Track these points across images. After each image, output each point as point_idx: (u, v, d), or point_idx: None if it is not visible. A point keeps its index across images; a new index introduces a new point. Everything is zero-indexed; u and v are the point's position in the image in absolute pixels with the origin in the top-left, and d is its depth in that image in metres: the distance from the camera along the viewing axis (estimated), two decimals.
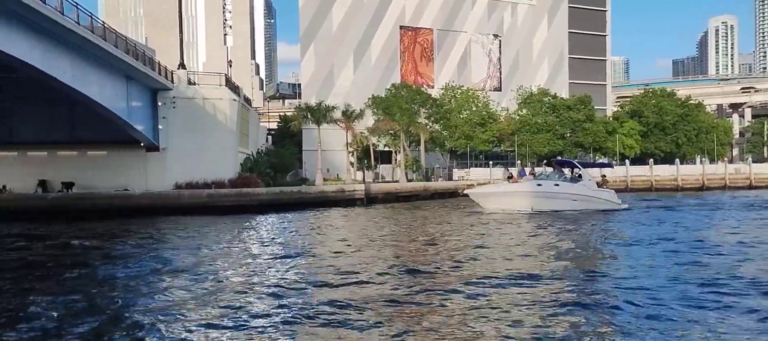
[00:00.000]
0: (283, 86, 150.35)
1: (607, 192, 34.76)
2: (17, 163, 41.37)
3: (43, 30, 26.63)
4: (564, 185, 33.30)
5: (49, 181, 40.94)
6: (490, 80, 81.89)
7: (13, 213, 35.00)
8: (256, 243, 21.57)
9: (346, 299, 11.68)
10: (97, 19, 32.56)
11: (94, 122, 37.65)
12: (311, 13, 72.96)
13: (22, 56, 25.37)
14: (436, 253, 18.09)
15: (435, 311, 10.72)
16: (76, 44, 29.73)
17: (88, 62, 31.90)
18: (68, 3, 27.74)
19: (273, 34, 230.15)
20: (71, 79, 30.03)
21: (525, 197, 32.87)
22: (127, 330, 9.93)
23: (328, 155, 57.37)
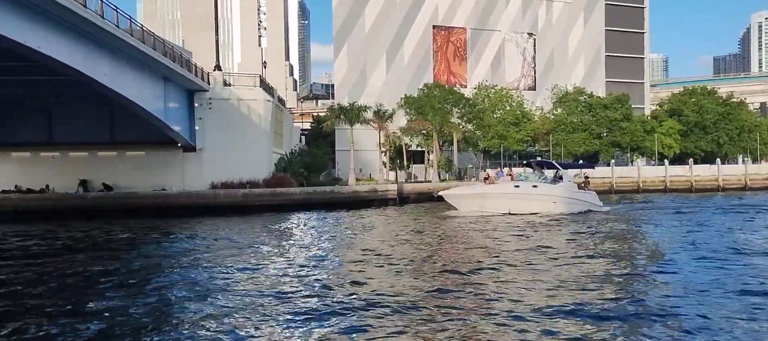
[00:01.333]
0: (317, 87, 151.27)
1: (588, 194, 33.68)
2: (59, 163, 42.52)
3: (84, 33, 27.29)
4: (543, 187, 32.31)
5: (90, 181, 41.98)
6: (525, 79, 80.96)
7: (55, 212, 36.05)
8: (300, 242, 21.80)
9: (384, 296, 11.64)
10: (135, 22, 33.26)
11: (132, 124, 38.47)
12: (344, 13, 73.24)
13: (65, 59, 26.04)
14: (472, 254, 17.92)
15: (477, 313, 10.60)
16: (115, 47, 30.41)
17: (127, 64, 32.60)
18: (108, 7, 28.38)
19: (307, 35, 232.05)
20: (111, 81, 30.71)
21: (501, 198, 31.85)
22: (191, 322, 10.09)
23: (360, 155, 57.49)
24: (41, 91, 35.32)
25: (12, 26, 22.03)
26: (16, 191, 39.92)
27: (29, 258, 19.27)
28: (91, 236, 25.35)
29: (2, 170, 41.46)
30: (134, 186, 40.54)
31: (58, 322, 10.58)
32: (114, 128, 41.50)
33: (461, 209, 32.31)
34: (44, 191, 40.48)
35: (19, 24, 22.54)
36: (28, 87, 34.04)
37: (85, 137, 41.25)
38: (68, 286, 14.27)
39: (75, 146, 42.14)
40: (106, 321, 10.72)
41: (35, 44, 23.60)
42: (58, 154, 42.66)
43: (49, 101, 38.91)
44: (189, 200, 37.96)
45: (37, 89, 34.66)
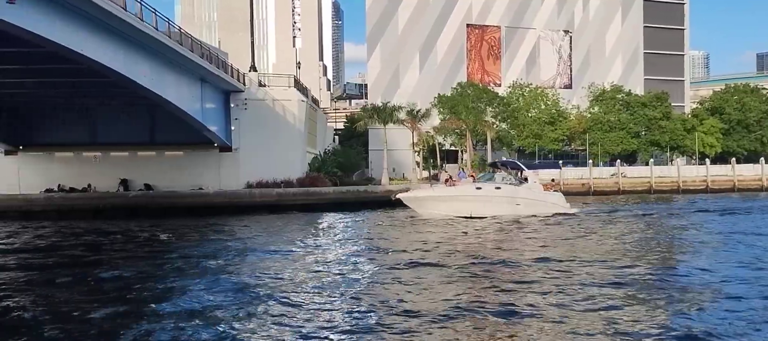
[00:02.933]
0: (350, 87, 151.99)
1: (554, 195, 32.48)
2: (101, 163, 43.68)
3: (124, 36, 28.00)
4: (506, 188, 31.21)
5: (130, 180, 43.05)
6: (560, 77, 79.87)
7: (97, 211, 37.11)
8: (333, 241, 22.06)
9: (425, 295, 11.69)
10: (173, 24, 33.97)
11: (171, 124, 39.30)
12: (378, 13, 73.42)
13: (106, 62, 26.77)
14: (513, 252, 17.83)
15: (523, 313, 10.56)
16: (154, 49, 31.11)
17: (165, 66, 33.32)
18: (147, 10, 29.05)
19: (340, 35, 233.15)
20: (150, 82, 31.44)
21: (462, 201, 30.73)
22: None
23: (393, 154, 57.57)
24: (85, 93, 36.37)
25: (57, 30, 22.77)
26: (60, 190, 41.19)
27: (96, 252, 20.03)
28: (139, 234, 26.07)
29: (46, 169, 42.80)
30: (173, 186, 41.40)
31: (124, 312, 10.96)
32: (154, 128, 42.45)
33: (421, 213, 31.10)
34: (86, 190, 41.66)
35: (64, 27, 23.28)
36: (73, 89, 35.09)
37: (126, 137, 42.30)
38: (131, 279, 14.77)
39: (116, 147, 43.26)
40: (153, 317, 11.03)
41: (79, 47, 24.33)
42: (100, 154, 43.83)
43: (92, 103, 40.01)
44: (225, 200, 38.67)
45: (81, 91, 35.70)
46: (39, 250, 21.66)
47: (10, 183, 41.26)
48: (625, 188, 52.93)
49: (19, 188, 41.03)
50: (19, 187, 41.17)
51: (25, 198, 38.60)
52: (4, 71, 29.45)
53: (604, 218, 30.00)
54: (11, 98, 37.39)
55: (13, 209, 37.24)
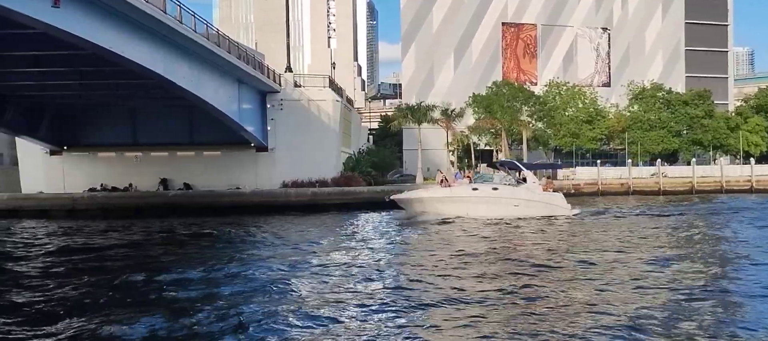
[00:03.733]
0: (384, 87, 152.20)
1: (553, 196, 31.33)
2: (142, 163, 44.74)
3: (164, 39, 28.61)
4: (503, 189, 30.32)
5: (170, 180, 43.98)
6: (598, 75, 78.46)
7: (137, 209, 38.03)
8: (368, 240, 22.19)
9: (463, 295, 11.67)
10: (211, 26, 34.59)
11: (209, 125, 40.01)
12: (412, 13, 73.35)
13: (147, 64, 27.41)
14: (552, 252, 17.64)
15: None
16: (192, 51, 31.71)
17: (203, 68, 33.93)
18: (186, 12, 29.63)
19: (375, 35, 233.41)
20: (189, 83, 32.06)
21: (458, 202, 29.86)
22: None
23: (428, 154, 57.43)
24: (126, 94, 37.31)
25: (99, 32, 23.41)
26: (102, 189, 42.33)
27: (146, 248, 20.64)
28: (186, 232, 26.63)
29: (90, 169, 44.04)
30: (211, 185, 42.17)
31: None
32: (192, 129, 43.29)
33: (416, 214, 30.34)
34: (128, 189, 42.73)
35: (106, 30, 23.90)
36: (115, 90, 36.04)
37: (166, 138, 43.23)
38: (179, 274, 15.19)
39: (157, 147, 44.25)
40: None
41: (120, 49, 24.96)
42: (141, 154, 44.90)
43: (133, 104, 41.02)
44: (262, 199, 39.20)
45: (122, 93, 36.64)
46: (94, 249, 22.31)
47: (56, 182, 42.59)
48: (665, 188, 51.69)
49: (63, 187, 42.31)
50: (64, 186, 42.45)
51: (70, 197, 39.76)
52: (49, 73, 30.45)
53: (607, 220, 29.00)
54: (56, 99, 38.64)
55: (58, 207, 38.41)
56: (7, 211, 37.93)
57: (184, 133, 43.39)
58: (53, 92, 35.76)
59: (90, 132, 43.30)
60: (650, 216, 30.57)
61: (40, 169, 43.46)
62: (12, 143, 45.54)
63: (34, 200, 39.52)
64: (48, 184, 42.35)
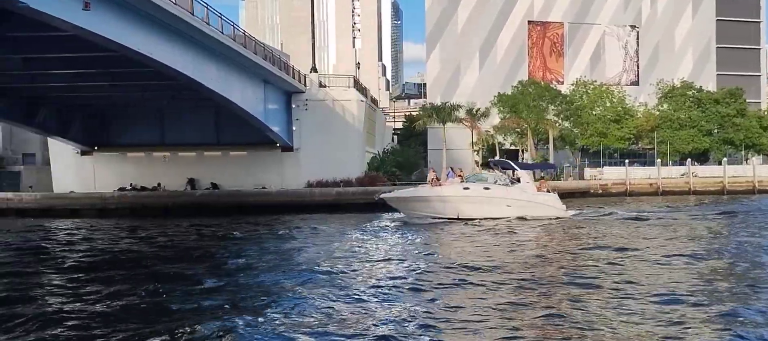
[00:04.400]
0: (409, 86, 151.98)
1: (548, 196, 30.46)
2: (170, 163, 45.45)
3: (192, 40, 29.02)
4: (495, 189, 29.48)
5: (197, 179, 44.58)
6: (627, 74, 77.25)
7: (166, 209, 38.61)
8: (394, 239, 22.21)
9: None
10: (238, 27, 34.99)
11: (236, 125, 40.46)
12: (437, 12, 73.12)
13: (175, 65, 27.83)
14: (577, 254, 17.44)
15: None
16: (219, 52, 32.10)
17: (230, 69, 34.33)
18: (213, 14, 30.02)
19: (399, 35, 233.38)
20: (216, 84, 32.47)
21: (449, 202, 29.18)
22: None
23: (453, 154, 57.22)
24: (155, 95, 37.94)
25: (129, 34, 23.84)
26: (132, 188, 43.08)
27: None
28: (220, 231, 27.01)
29: (119, 169, 44.86)
30: (237, 185, 42.65)
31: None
32: (219, 129, 43.82)
33: (406, 214, 29.88)
34: (156, 189, 43.40)
35: (135, 32, 24.34)
36: (144, 92, 36.68)
37: (193, 138, 43.83)
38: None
39: (184, 147, 44.89)
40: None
41: (149, 51, 25.39)
42: (169, 154, 45.59)
43: (161, 105, 41.68)
44: (287, 198, 39.52)
45: (151, 94, 37.27)
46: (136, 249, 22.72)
47: (86, 182, 43.48)
48: (696, 188, 50.72)
49: (94, 186, 43.16)
50: (95, 186, 43.30)
51: (100, 196, 40.54)
52: (81, 75, 31.09)
53: (605, 222, 28.08)
54: (87, 100, 39.45)
55: (89, 207, 39.20)
56: (40, 210, 38.82)
57: (211, 133, 43.93)
58: (84, 93, 36.52)
59: (120, 133, 44.11)
60: (660, 218, 29.43)
61: (71, 169, 44.41)
62: (44, 144, 46.65)
63: (65, 200, 40.37)
64: (79, 184, 43.25)
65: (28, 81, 31.91)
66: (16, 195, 41.03)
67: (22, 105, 36.99)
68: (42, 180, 45.53)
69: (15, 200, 40.09)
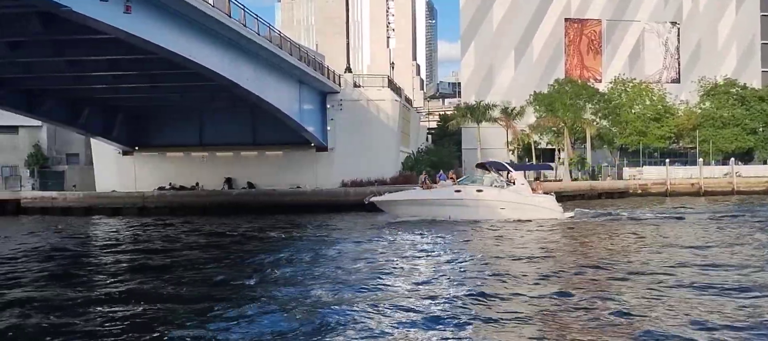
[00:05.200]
0: (443, 86, 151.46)
1: (544, 198, 29.51)
2: (208, 163, 46.29)
3: (229, 42, 29.50)
4: (489, 191, 28.73)
5: (234, 179, 45.28)
6: (667, 72, 75.45)
7: (204, 208, 39.32)
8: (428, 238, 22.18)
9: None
10: (274, 28, 35.42)
11: (272, 125, 40.95)
12: (472, 11, 72.65)
13: (213, 66, 28.34)
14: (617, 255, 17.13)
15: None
16: (256, 53, 32.54)
17: (266, 69, 34.77)
18: (249, 15, 30.45)
19: (434, 34, 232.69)
20: (253, 85, 32.92)
21: (440, 204, 28.46)
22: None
23: (487, 153, 56.77)
24: (193, 96, 38.69)
25: (168, 37, 24.37)
26: (171, 188, 44.00)
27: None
28: (266, 230, 27.44)
29: (159, 168, 45.87)
30: (273, 184, 43.17)
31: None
32: (256, 129, 44.40)
33: (397, 216, 29.28)
34: (194, 188, 44.24)
35: (174, 35, 24.87)
36: (183, 93, 37.44)
37: (230, 138, 44.52)
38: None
39: (222, 147, 45.66)
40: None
41: (187, 53, 25.91)
42: (207, 154, 46.43)
43: (200, 106, 42.48)
44: (322, 198, 39.80)
45: (190, 95, 38.01)
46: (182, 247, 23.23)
47: (127, 181, 44.57)
48: (739, 188, 49.26)
49: (135, 186, 44.22)
50: (135, 185, 44.37)
51: (141, 195, 41.50)
52: (122, 77, 31.90)
53: (606, 224, 27.22)
54: (128, 102, 40.48)
55: (130, 205, 40.20)
56: (83, 209, 39.96)
57: (247, 133, 44.56)
58: (126, 94, 37.49)
59: (159, 133, 45.07)
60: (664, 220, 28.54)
61: (113, 168, 45.61)
62: (87, 144, 48.03)
63: (107, 199, 41.49)
64: (120, 183, 44.37)
65: (71, 83, 32.91)
66: (60, 194, 42.30)
67: (67, 106, 38.18)
68: (85, 179, 46.90)
69: (59, 199, 41.34)
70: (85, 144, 48.86)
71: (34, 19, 21.48)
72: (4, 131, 48.21)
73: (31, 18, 21.43)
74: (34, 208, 40.20)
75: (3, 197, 41.61)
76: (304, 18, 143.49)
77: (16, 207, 40.34)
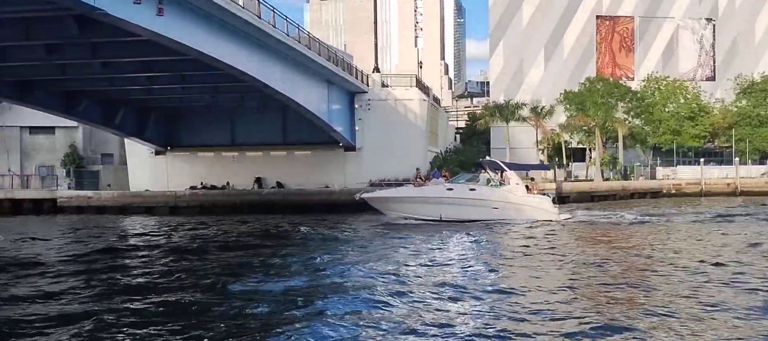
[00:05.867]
0: (471, 85, 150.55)
1: (539, 199, 28.71)
2: (238, 162, 46.86)
3: (259, 43, 29.83)
4: (481, 190, 28.02)
5: (264, 178, 45.75)
6: (702, 69, 73.75)
7: (234, 207, 39.82)
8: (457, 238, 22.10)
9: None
10: (303, 29, 35.67)
11: (301, 125, 41.30)
12: (501, 9, 72.07)
13: (243, 67, 28.69)
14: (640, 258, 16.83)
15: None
16: (285, 54, 32.82)
17: (295, 70, 35.05)
18: (279, 16, 30.73)
19: (462, 33, 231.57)
20: (282, 85, 33.22)
21: (431, 203, 27.93)
22: None
23: (517, 153, 56.30)
24: (225, 97, 39.22)
25: (199, 39, 24.75)
26: (202, 187, 44.66)
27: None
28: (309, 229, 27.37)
29: (191, 168, 46.60)
30: (301, 184, 43.50)
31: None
32: (285, 129, 44.82)
33: (388, 215, 28.91)
34: (225, 187, 44.82)
35: (205, 36, 25.25)
36: (214, 94, 38.00)
37: (260, 138, 45.02)
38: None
39: (252, 147, 46.18)
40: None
41: (218, 54, 26.29)
42: (237, 154, 47.02)
43: (231, 106, 43.04)
44: (350, 197, 39.67)
45: (221, 95, 38.54)
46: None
47: (160, 181, 45.37)
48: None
49: (167, 185, 45.00)
50: (168, 184, 45.15)
51: (173, 195, 42.21)
52: (156, 78, 32.51)
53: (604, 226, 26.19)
54: (161, 102, 41.24)
55: (162, 204, 40.93)
56: (118, 208, 40.86)
57: (277, 133, 44.98)
58: (159, 95, 38.22)
59: (191, 133, 45.80)
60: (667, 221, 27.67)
61: (146, 168, 46.50)
62: (121, 144, 49.08)
63: (140, 198, 42.30)
64: (153, 182, 45.19)
65: (106, 84, 33.66)
66: (95, 193, 43.27)
67: (102, 107, 39.07)
68: (119, 179, 47.91)
69: (95, 198, 42.30)
70: (119, 144, 49.92)
71: (70, 22, 22.03)
72: (42, 131, 49.60)
73: (68, 21, 21.99)
74: (70, 207, 41.18)
75: (41, 196, 42.73)
76: (333, 18, 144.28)
77: (52, 206, 41.38)
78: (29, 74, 31.01)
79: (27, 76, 31.33)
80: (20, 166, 49.14)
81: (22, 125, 48.97)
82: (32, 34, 23.20)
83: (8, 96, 34.61)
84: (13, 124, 48.62)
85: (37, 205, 41.30)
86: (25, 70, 30.00)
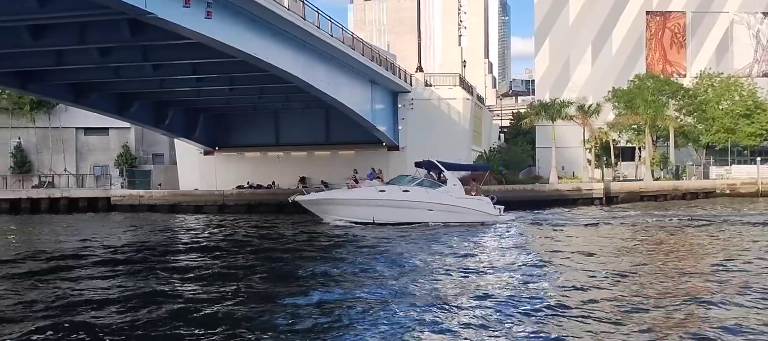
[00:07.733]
0: (516, 83, 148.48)
1: (478, 201, 27.52)
2: (283, 162, 47.53)
3: (303, 44, 30.15)
4: (415, 192, 27.15)
5: (308, 178, 46.24)
6: (758, 65, 70.91)
7: (279, 206, 40.35)
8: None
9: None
10: (346, 30, 35.89)
11: (344, 125, 41.56)
12: (547, 6, 70.93)
13: (288, 68, 29.06)
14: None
15: None
16: (329, 54, 33.10)
17: (339, 70, 35.31)
18: (323, 17, 31.01)
19: (506, 31, 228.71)
20: (326, 86, 33.52)
21: (364, 205, 27.29)
22: None
23: (563, 152, 55.30)
24: (270, 98, 39.85)
25: (246, 41, 25.20)
26: (249, 186, 45.47)
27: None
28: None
29: (238, 168, 47.52)
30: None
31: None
32: (329, 129, 45.23)
33: (324, 218, 28.39)
34: (271, 186, 45.52)
35: (252, 38, 25.69)
36: (260, 95, 38.66)
37: (304, 138, 45.56)
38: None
39: (296, 147, 46.79)
40: None
41: (265, 56, 26.71)
42: (282, 154, 47.69)
43: (276, 107, 43.69)
44: None
45: (266, 96, 39.17)
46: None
47: (209, 180, 46.38)
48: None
49: (215, 184, 46.03)
50: (216, 184, 46.18)
51: (221, 194, 43.11)
52: (204, 80, 33.29)
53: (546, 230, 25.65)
54: (209, 104, 42.20)
55: (211, 203, 41.88)
56: (168, 206, 42.01)
57: (321, 133, 45.41)
58: (207, 97, 39.11)
59: (238, 134, 46.71)
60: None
61: (195, 168, 47.66)
62: (171, 145, 50.46)
63: (190, 197, 43.38)
64: (202, 181, 46.26)
65: (157, 86, 34.63)
66: (147, 192, 44.60)
67: (153, 109, 40.25)
68: (169, 178, 49.28)
69: (146, 197, 43.62)
70: (170, 145, 51.33)
71: (123, 26, 22.75)
72: (96, 132, 51.48)
73: (121, 25, 22.70)
74: (123, 205, 42.58)
75: (96, 195, 44.34)
76: (376, 18, 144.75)
77: (107, 204, 42.90)
78: (84, 77, 32.14)
79: (82, 78, 32.48)
80: (76, 166, 51.12)
81: (77, 126, 50.96)
82: (87, 37, 24.01)
83: (64, 98, 36.00)
84: (69, 125, 50.65)
85: (92, 203, 42.85)
86: (80, 73, 31.10)
